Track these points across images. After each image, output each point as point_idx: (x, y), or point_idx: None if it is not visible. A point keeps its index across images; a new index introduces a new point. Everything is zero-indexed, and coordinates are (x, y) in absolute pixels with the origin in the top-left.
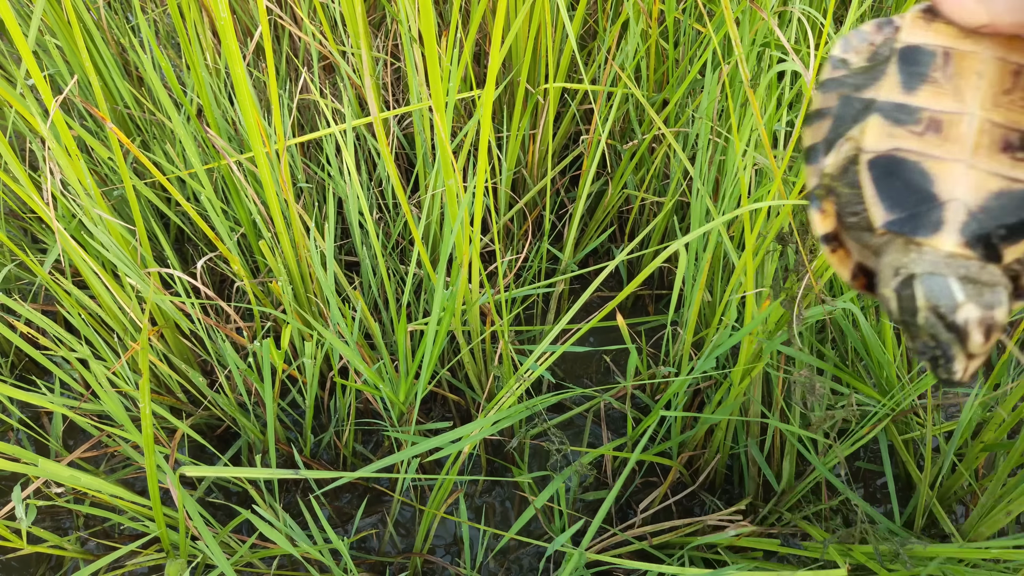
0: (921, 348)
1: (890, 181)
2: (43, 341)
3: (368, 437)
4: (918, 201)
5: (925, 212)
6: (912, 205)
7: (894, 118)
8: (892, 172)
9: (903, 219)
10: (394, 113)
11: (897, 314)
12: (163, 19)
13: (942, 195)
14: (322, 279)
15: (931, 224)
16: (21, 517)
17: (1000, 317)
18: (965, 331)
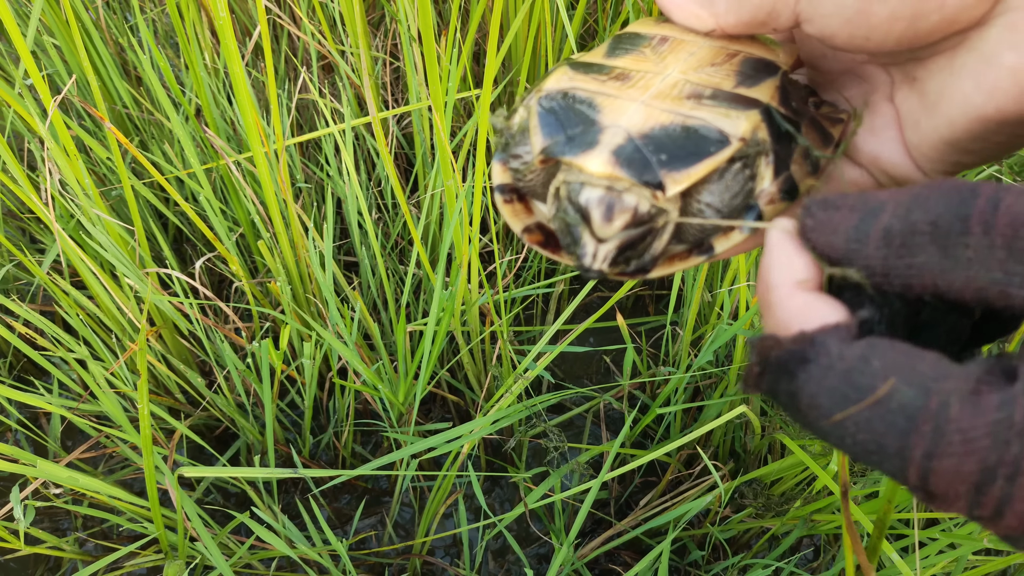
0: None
1: (555, 113)
2: (41, 342)
3: (367, 438)
4: (578, 127)
5: (581, 135)
6: (569, 127)
7: (582, 68)
8: (560, 105)
9: (557, 141)
10: (393, 113)
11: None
12: (162, 19)
13: (604, 122)
14: (321, 279)
15: (584, 144)
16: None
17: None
18: (588, 210)
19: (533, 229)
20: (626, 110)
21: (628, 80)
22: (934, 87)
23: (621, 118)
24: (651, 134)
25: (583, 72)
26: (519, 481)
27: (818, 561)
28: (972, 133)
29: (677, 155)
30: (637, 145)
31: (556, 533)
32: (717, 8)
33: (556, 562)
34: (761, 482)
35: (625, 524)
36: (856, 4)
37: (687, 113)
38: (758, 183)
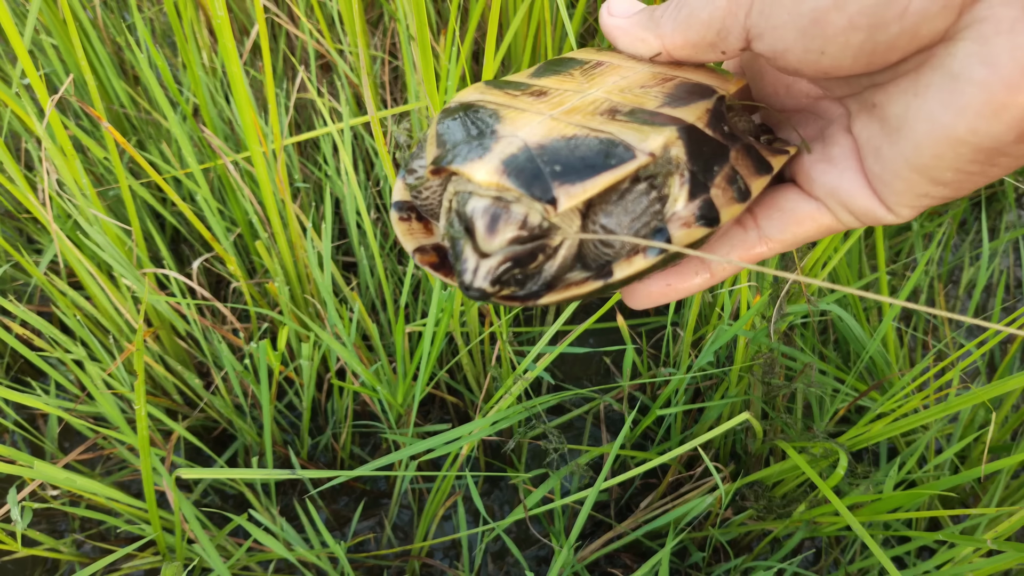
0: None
1: (455, 123)
2: (38, 343)
3: (366, 440)
4: (472, 134)
5: (475, 145)
6: (464, 137)
7: (497, 84)
8: (462, 117)
9: (448, 151)
10: (392, 112)
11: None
12: (159, 18)
13: (501, 132)
14: (319, 280)
15: (473, 151)
16: (16, 520)
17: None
18: (472, 220)
19: (428, 250)
20: (529, 122)
21: (543, 96)
22: (896, 111)
23: (521, 129)
24: (549, 145)
25: (497, 88)
26: (519, 483)
27: (819, 564)
28: (942, 159)
29: (574, 167)
30: (532, 155)
31: (556, 535)
32: (663, 29)
33: (556, 564)
34: (763, 484)
35: (625, 526)
36: (811, 13)
37: (595, 127)
38: (669, 205)
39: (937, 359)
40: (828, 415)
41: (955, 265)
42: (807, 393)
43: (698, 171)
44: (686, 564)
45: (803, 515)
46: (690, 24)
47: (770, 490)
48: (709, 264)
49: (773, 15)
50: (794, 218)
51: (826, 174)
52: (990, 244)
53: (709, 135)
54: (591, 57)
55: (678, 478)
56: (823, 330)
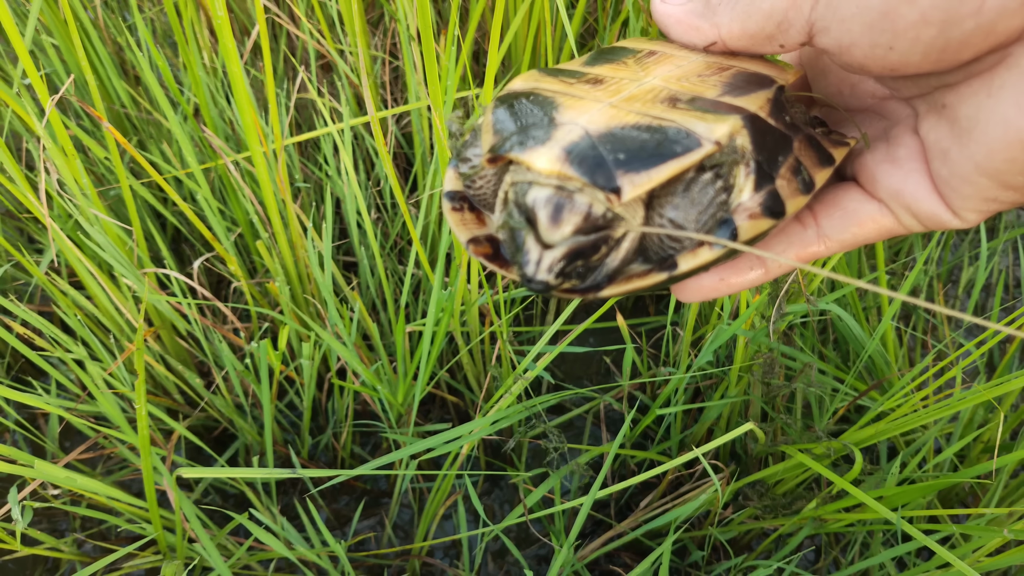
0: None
1: (511, 112)
2: (39, 342)
3: (366, 439)
4: (531, 123)
5: (534, 132)
6: (523, 125)
7: (552, 72)
8: (518, 104)
9: (506, 138)
10: (392, 112)
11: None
12: (160, 18)
13: (561, 120)
14: (320, 279)
15: (534, 139)
16: (17, 519)
17: (579, 204)
18: (533, 210)
19: (481, 241)
20: (589, 109)
21: (600, 84)
22: (967, 112)
23: (581, 116)
24: (612, 132)
25: (552, 75)
26: (519, 482)
27: (820, 563)
28: (1015, 163)
29: (638, 155)
30: (593, 142)
31: (556, 534)
32: (719, 19)
33: (556, 564)
34: (764, 483)
35: (625, 525)
36: (881, 5)
37: (657, 115)
38: (735, 195)
39: (937, 359)
40: (828, 415)
41: (954, 264)
42: (807, 393)
43: (763, 161)
44: (686, 563)
45: (813, 512)
46: (749, 14)
47: (771, 489)
48: (764, 259)
49: (840, 7)
50: (856, 219)
51: (890, 176)
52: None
53: (772, 125)
54: (644, 46)
55: (678, 477)
56: (823, 330)
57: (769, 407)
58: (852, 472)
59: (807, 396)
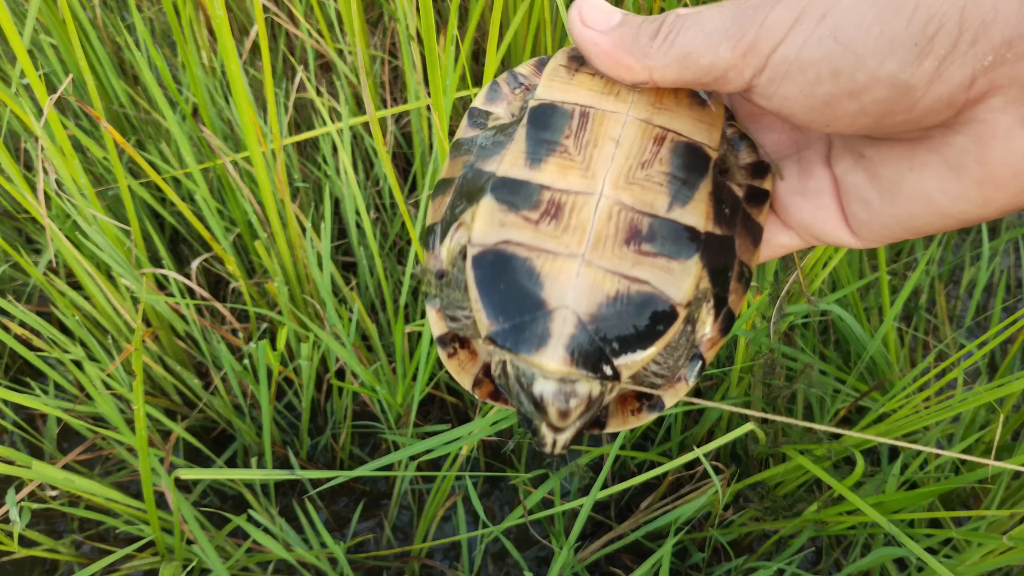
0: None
1: (496, 283)
2: (37, 343)
3: (365, 440)
4: (524, 308)
5: (531, 323)
6: (518, 313)
7: (509, 202)
8: (499, 272)
9: (507, 330)
10: (391, 112)
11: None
12: (159, 17)
13: (551, 301)
14: (318, 280)
15: (536, 338)
16: (15, 520)
17: (581, 393)
18: (542, 403)
19: (482, 380)
20: (569, 278)
21: (561, 218)
22: (890, 175)
23: (567, 293)
24: (599, 314)
25: (512, 209)
26: (518, 483)
27: (821, 564)
28: (930, 225)
29: (628, 340)
30: (590, 335)
31: (556, 536)
32: (652, 62)
33: (556, 565)
34: (765, 485)
35: (626, 527)
36: (825, 96)
37: (631, 274)
38: (699, 328)
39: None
40: (829, 416)
41: (956, 265)
42: (808, 394)
43: (718, 288)
44: (687, 564)
45: (814, 515)
46: (686, 66)
47: (772, 490)
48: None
49: (783, 86)
50: (768, 248)
51: (802, 210)
52: (990, 244)
53: (718, 234)
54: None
55: (678, 478)
56: (823, 330)
57: (770, 408)
58: (853, 476)
59: (808, 397)
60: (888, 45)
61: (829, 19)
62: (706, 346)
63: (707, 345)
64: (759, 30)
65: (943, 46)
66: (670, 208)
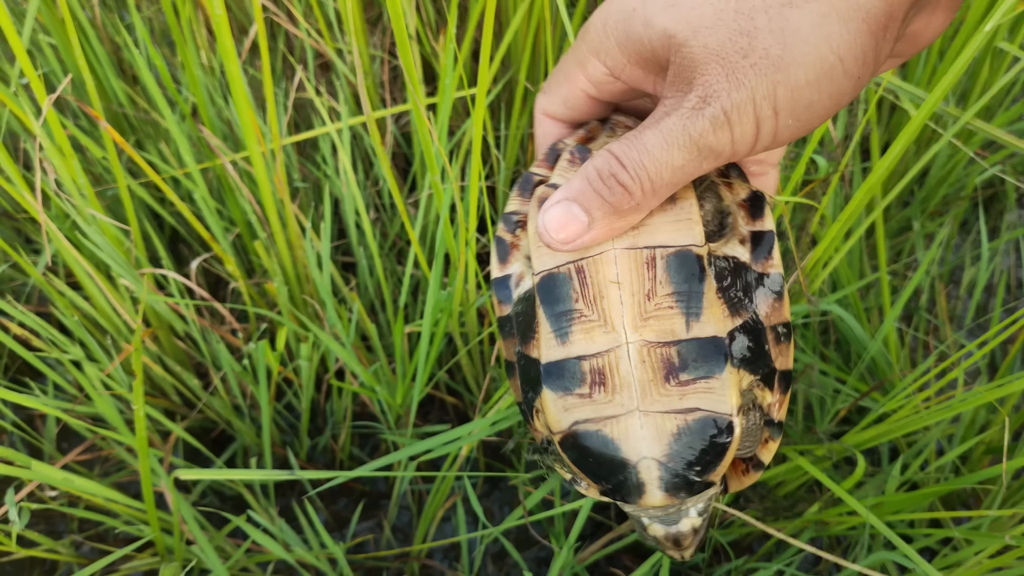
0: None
1: (586, 459)
2: (36, 343)
3: (365, 440)
4: (616, 470)
5: (625, 480)
6: (612, 476)
7: (562, 387)
8: (584, 450)
9: (612, 490)
10: (390, 112)
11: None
12: (158, 17)
13: (631, 457)
14: (318, 280)
15: (634, 489)
16: (14, 520)
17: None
18: (661, 543)
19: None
20: (635, 432)
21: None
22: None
23: (641, 445)
24: (672, 452)
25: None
26: (518, 484)
27: (821, 565)
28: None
29: (704, 460)
30: (673, 470)
31: (556, 537)
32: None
33: (556, 566)
34: (765, 485)
35: (626, 527)
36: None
37: (682, 407)
38: (763, 399)
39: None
40: (829, 416)
41: (956, 265)
42: (808, 394)
43: (761, 366)
44: (686, 565)
45: (815, 515)
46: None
47: (772, 491)
48: None
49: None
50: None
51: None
52: (991, 244)
53: (740, 323)
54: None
55: None
56: (824, 330)
57: None
58: (853, 477)
59: (808, 397)
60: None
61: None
62: (775, 409)
63: (776, 408)
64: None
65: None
66: (688, 327)
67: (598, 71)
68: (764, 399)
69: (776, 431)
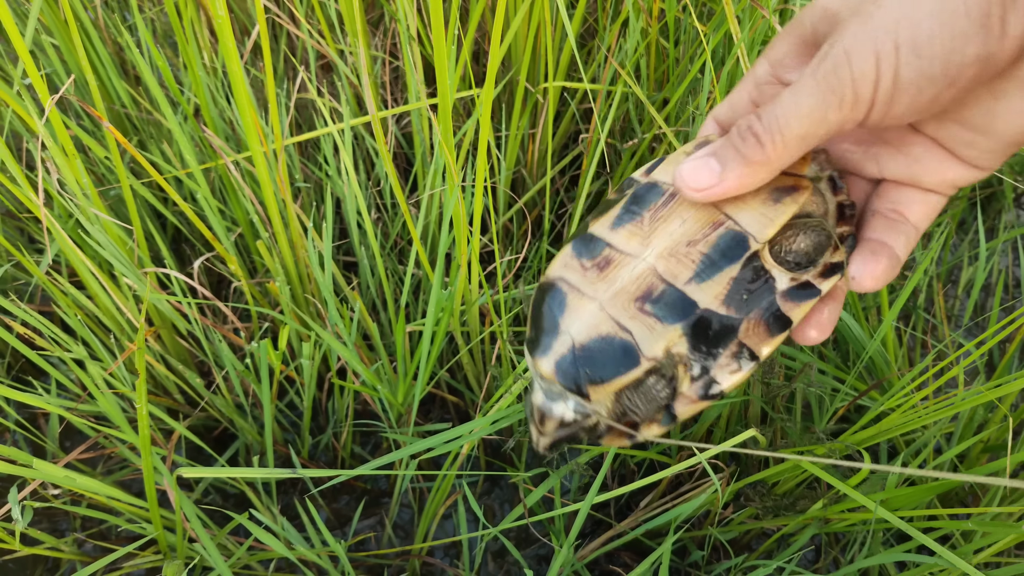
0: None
1: (540, 305)
2: (40, 342)
3: (366, 439)
4: (546, 327)
5: (542, 338)
6: (541, 329)
7: (579, 251)
8: (545, 299)
9: (532, 340)
10: (392, 112)
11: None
12: (160, 18)
13: (563, 326)
14: (320, 279)
15: (541, 349)
16: (17, 519)
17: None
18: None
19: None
20: (582, 314)
21: (605, 270)
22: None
23: (574, 323)
24: (587, 345)
25: (577, 257)
26: (519, 482)
27: (820, 563)
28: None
29: (599, 370)
30: (574, 357)
31: (556, 534)
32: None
33: (556, 563)
34: (765, 484)
35: (625, 525)
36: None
37: (623, 323)
38: (679, 385)
39: (937, 359)
40: (828, 415)
41: (954, 264)
42: (807, 393)
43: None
44: (686, 563)
45: (819, 512)
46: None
47: (772, 489)
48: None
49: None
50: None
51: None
52: (988, 243)
53: (721, 314)
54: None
55: (677, 476)
56: None
57: (769, 407)
58: (859, 475)
59: (807, 396)
60: (962, 38)
61: (904, 45)
62: (680, 401)
63: (681, 401)
64: (854, 85)
65: (997, 13)
66: (687, 282)
67: (762, 69)
68: (682, 381)
69: (668, 419)
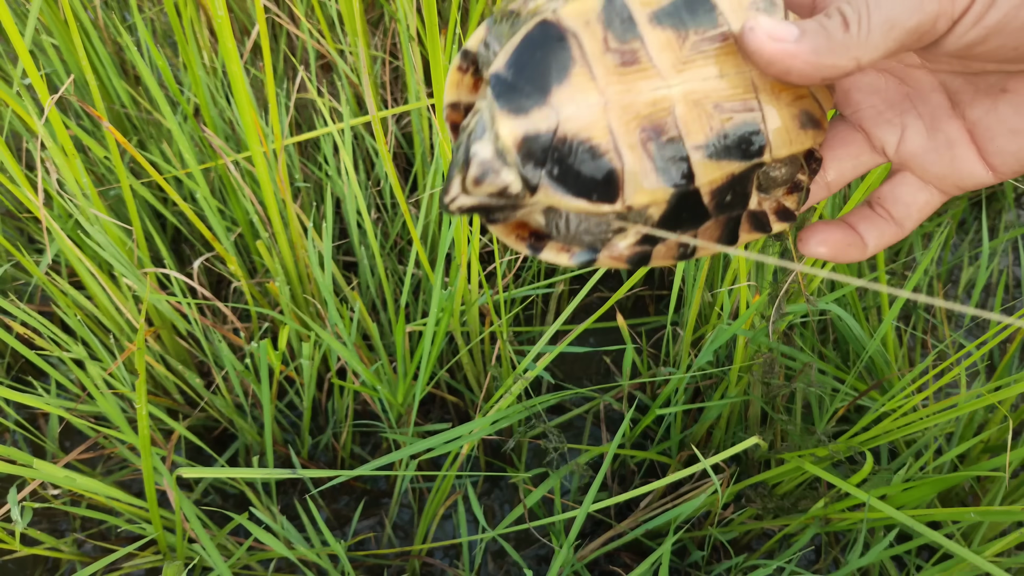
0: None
1: (535, 51)
2: (39, 342)
3: (366, 439)
4: (535, 83)
5: (527, 95)
6: (527, 80)
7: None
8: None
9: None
10: (392, 112)
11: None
12: (160, 18)
13: (554, 98)
14: (320, 279)
15: (516, 107)
16: (17, 519)
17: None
18: (470, 162)
19: (459, 108)
20: (581, 100)
21: (629, 67)
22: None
23: (567, 105)
24: (571, 144)
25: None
26: (519, 482)
27: (820, 563)
28: None
29: (567, 179)
30: (549, 145)
31: (556, 535)
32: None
33: (556, 564)
34: (765, 484)
35: (625, 525)
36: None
37: (619, 146)
38: (618, 237)
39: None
40: (828, 415)
41: (954, 264)
42: (807, 393)
43: (659, 226)
44: (686, 563)
45: (821, 511)
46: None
47: (772, 489)
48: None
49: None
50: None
51: (938, 163)
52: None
53: (702, 203)
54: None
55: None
56: (822, 329)
57: (769, 407)
58: (861, 473)
59: (807, 396)
60: None
61: None
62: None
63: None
64: None
65: None
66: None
67: None
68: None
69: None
